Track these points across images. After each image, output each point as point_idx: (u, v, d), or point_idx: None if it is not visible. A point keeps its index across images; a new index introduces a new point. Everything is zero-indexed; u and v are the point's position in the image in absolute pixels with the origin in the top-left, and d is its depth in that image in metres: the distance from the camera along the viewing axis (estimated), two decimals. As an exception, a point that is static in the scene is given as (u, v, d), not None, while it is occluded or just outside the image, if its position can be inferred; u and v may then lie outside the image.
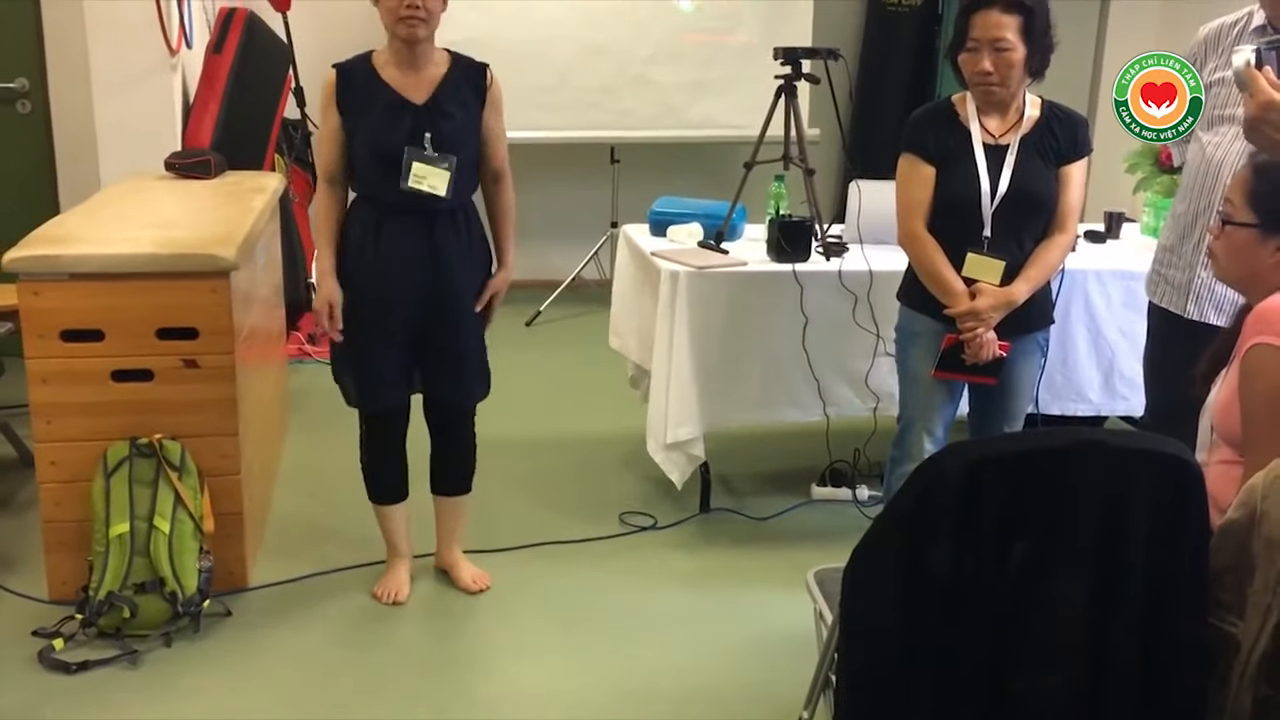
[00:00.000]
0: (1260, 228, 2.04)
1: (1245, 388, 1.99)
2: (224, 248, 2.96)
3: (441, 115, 2.85)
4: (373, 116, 2.84)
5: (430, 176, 2.82)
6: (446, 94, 2.87)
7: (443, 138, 2.84)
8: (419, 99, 2.85)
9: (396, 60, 2.86)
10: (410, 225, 2.86)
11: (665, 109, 5.97)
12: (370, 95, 2.84)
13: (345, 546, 3.33)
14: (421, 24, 2.77)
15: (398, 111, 2.83)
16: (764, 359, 3.54)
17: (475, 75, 2.92)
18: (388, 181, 2.82)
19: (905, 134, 2.94)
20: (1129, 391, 3.62)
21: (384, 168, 2.82)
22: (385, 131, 2.82)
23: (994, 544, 1.77)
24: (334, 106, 2.86)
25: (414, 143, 2.82)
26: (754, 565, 3.36)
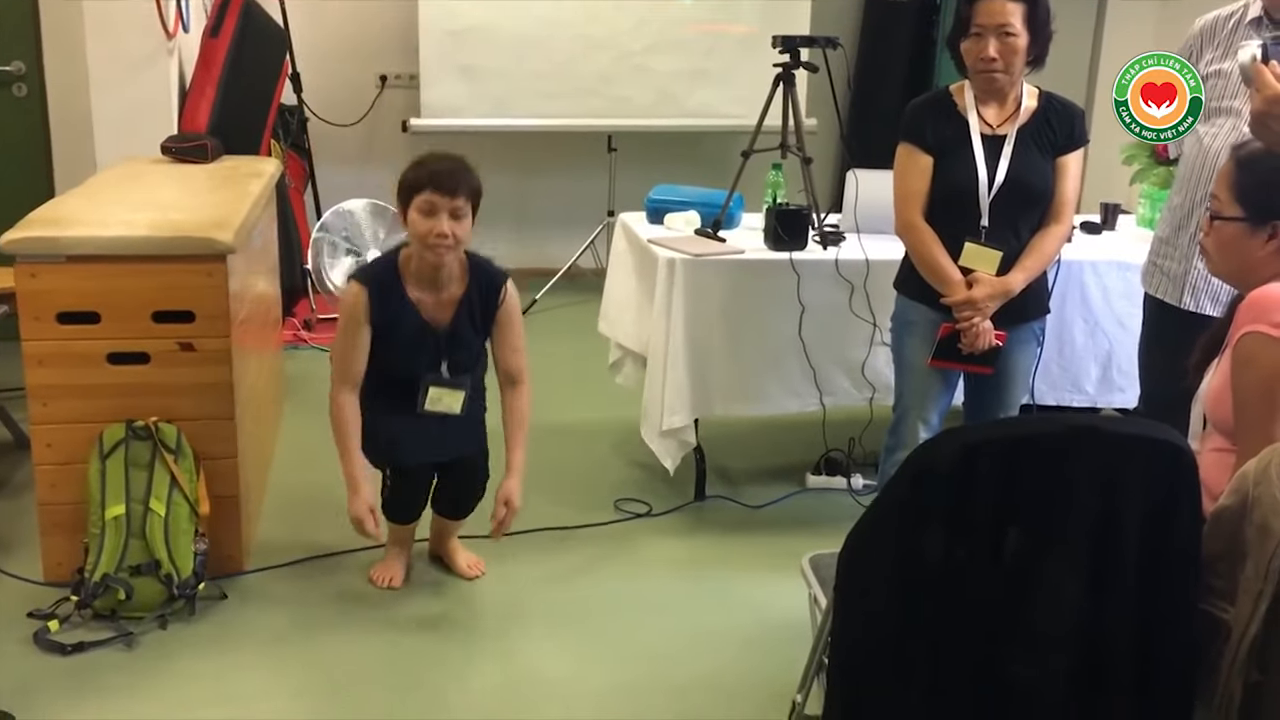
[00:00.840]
0: (1248, 220, 2.05)
1: (1237, 376, 2.00)
2: (221, 231, 2.96)
3: (460, 343, 2.91)
4: (399, 341, 2.87)
5: (446, 398, 2.91)
6: (463, 316, 2.91)
7: (458, 363, 2.90)
8: (441, 322, 2.89)
9: (420, 278, 2.87)
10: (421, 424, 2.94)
11: (663, 98, 5.96)
12: (398, 316, 2.87)
13: (341, 531, 3.31)
14: (449, 251, 2.79)
15: (421, 338, 2.88)
16: (760, 347, 3.55)
17: (490, 295, 2.93)
18: (403, 394, 2.89)
19: (903, 123, 2.95)
20: (1126, 383, 3.63)
21: (402, 386, 2.89)
22: (409, 360, 2.88)
23: (988, 529, 1.78)
24: (366, 323, 2.86)
25: (433, 365, 2.88)
26: (748, 552, 3.37)
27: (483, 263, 2.95)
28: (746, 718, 2.58)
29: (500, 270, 2.96)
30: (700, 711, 2.62)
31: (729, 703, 2.65)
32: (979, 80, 2.86)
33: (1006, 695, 1.84)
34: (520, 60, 5.70)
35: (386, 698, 2.63)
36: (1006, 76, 2.82)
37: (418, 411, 2.90)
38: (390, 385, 2.92)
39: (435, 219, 2.76)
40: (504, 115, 5.80)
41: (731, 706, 2.63)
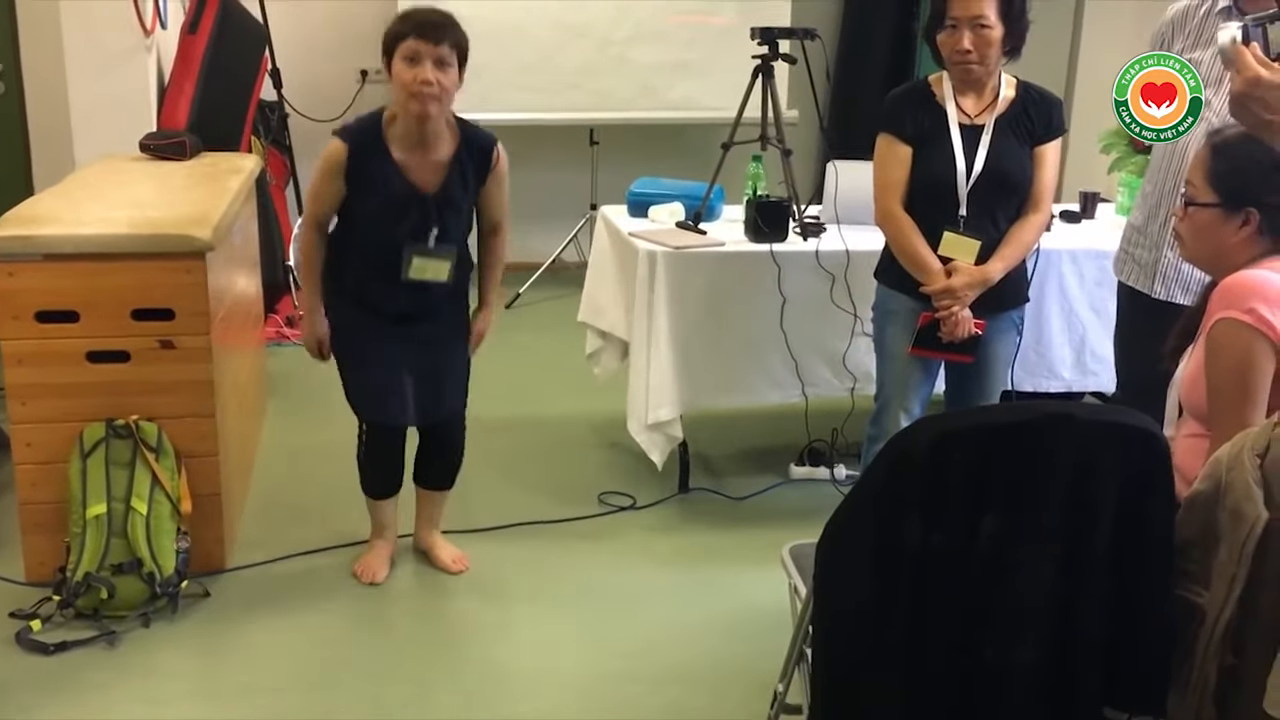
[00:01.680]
0: (1222, 207, 2.07)
1: (1210, 362, 2.02)
2: (200, 228, 2.95)
3: (451, 208, 2.83)
4: (380, 202, 2.80)
5: (430, 268, 2.83)
6: (453, 179, 2.83)
7: (448, 231, 2.84)
8: (429, 186, 2.81)
9: (406, 138, 2.78)
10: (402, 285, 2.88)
11: (645, 90, 5.96)
12: (381, 179, 2.78)
13: (324, 528, 3.34)
14: (434, 101, 2.69)
15: (406, 202, 2.80)
16: (742, 339, 3.55)
17: (482, 156, 2.87)
18: (384, 262, 2.82)
19: (882, 114, 2.96)
20: (1100, 368, 3.66)
21: (383, 250, 2.83)
22: (391, 224, 2.80)
23: (963, 517, 1.79)
24: (342, 178, 2.80)
25: (418, 233, 2.80)
26: (732, 544, 3.38)
27: (470, 124, 2.89)
28: (730, 707, 2.60)
29: (489, 132, 2.92)
30: (684, 701, 2.63)
31: (713, 692, 2.66)
32: (956, 72, 2.87)
33: (983, 679, 1.85)
34: (501, 54, 5.68)
35: (370, 692, 2.63)
36: (982, 68, 2.83)
37: (400, 279, 2.81)
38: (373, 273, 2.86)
39: (420, 66, 2.66)
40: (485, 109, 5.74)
41: (716, 696, 2.64)
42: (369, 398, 2.98)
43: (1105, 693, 1.91)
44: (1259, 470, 1.80)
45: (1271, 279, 1.99)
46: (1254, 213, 2.03)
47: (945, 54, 2.85)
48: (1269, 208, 2.02)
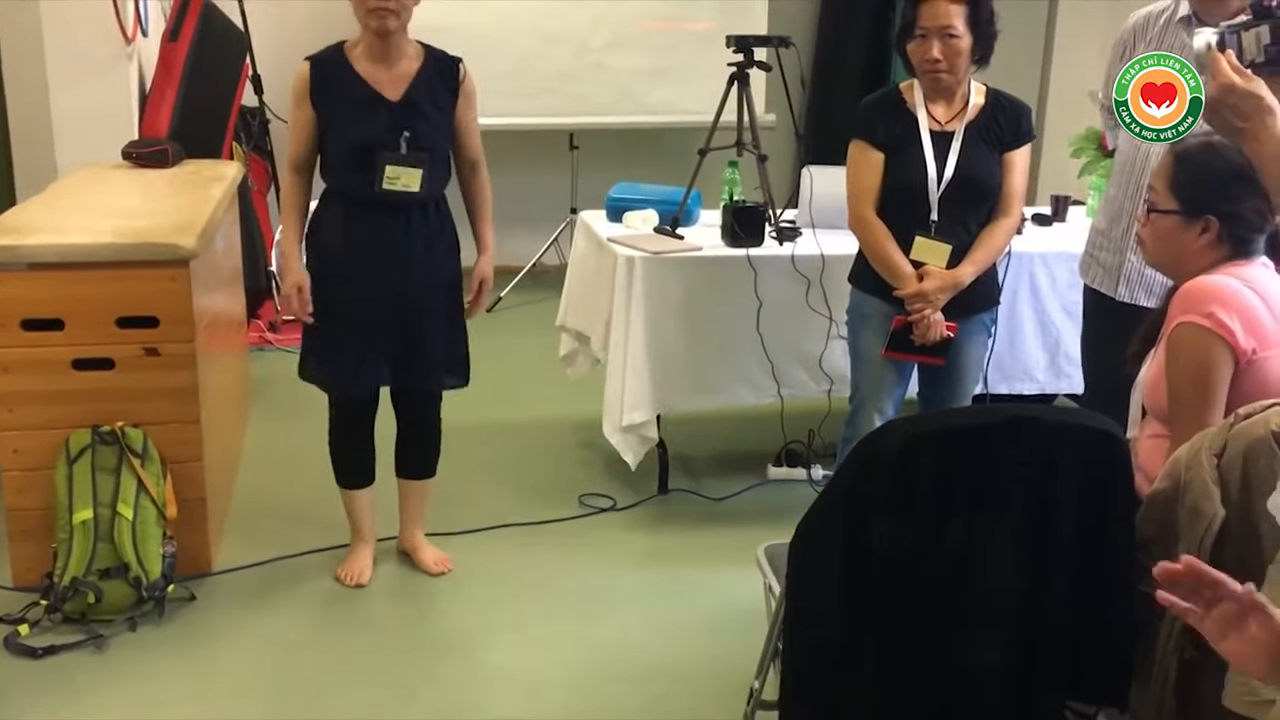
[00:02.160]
0: (1182, 214, 2.13)
1: (1171, 365, 2.08)
2: (183, 236, 2.98)
3: (418, 114, 2.87)
4: (347, 112, 2.85)
5: (404, 176, 2.85)
6: (420, 90, 2.88)
7: (419, 137, 2.86)
8: (394, 95, 2.87)
9: (369, 53, 2.87)
10: (381, 219, 2.89)
11: (623, 95, 6.00)
12: (345, 90, 2.85)
13: (309, 531, 3.37)
14: (392, 15, 2.78)
15: (373, 108, 2.84)
16: (719, 342, 3.60)
17: (448, 70, 2.93)
18: (360, 178, 2.84)
19: (855, 120, 3.02)
20: (1074, 370, 3.71)
21: (357, 165, 2.84)
22: (361, 129, 2.84)
23: (930, 518, 1.85)
24: (308, 100, 2.86)
25: (389, 141, 2.83)
26: (711, 544, 3.43)
27: (436, 48, 2.96)
28: (709, 705, 2.64)
29: (453, 54, 2.98)
30: (663, 700, 2.68)
31: (692, 691, 2.71)
32: (926, 80, 2.93)
33: (951, 676, 1.90)
34: (479, 60, 5.63)
35: (354, 694, 2.67)
36: (951, 76, 2.89)
37: (375, 190, 2.82)
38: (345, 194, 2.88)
39: None
40: (465, 115, 5.82)
41: (694, 695, 2.69)
42: (331, 376, 2.99)
43: (1069, 687, 1.97)
44: (1216, 469, 1.85)
45: (1231, 284, 2.06)
46: (1213, 221, 2.09)
47: (915, 63, 2.91)
48: (1228, 216, 2.08)
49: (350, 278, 2.91)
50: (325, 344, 2.97)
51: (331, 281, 2.92)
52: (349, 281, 2.91)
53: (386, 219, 2.89)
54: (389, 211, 2.88)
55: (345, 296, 2.92)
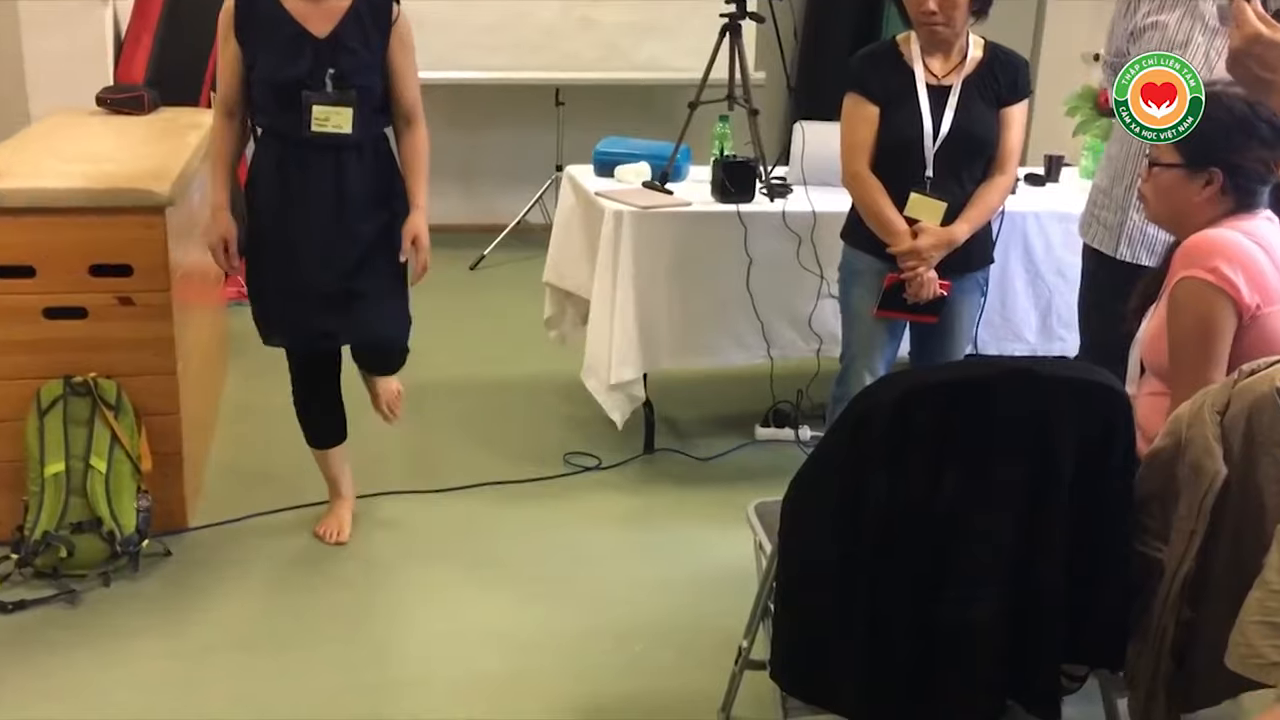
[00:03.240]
0: (1185, 167, 2.08)
1: (1172, 320, 2.04)
2: (158, 183, 2.90)
3: (344, 50, 2.75)
4: (272, 49, 2.74)
5: (334, 116, 2.73)
6: (349, 27, 2.76)
7: (344, 74, 2.74)
8: (321, 31, 2.75)
9: None
10: (316, 162, 2.77)
11: (611, 51, 5.90)
12: (271, 25, 2.74)
13: (286, 488, 3.31)
14: None
15: (298, 44, 2.73)
16: (708, 300, 3.55)
17: (381, 8, 2.79)
18: (289, 119, 2.73)
19: (849, 74, 2.95)
20: (1065, 332, 3.68)
21: (283, 105, 2.73)
22: (284, 66, 2.72)
23: (926, 473, 1.80)
24: (232, 35, 2.75)
25: (315, 79, 2.72)
26: (698, 503, 3.39)
27: None
28: (696, 664, 2.61)
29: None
30: (649, 658, 2.64)
31: (679, 649, 2.67)
32: (922, 33, 2.86)
33: (945, 634, 1.87)
34: (464, 13, 5.61)
35: (333, 650, 2.62)
36: (949, 29, 2.82)
37: (306, 134, 2.72)
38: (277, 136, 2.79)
39: None
40: (448, 69, 5.70)
41: (681, 653, 2.66)
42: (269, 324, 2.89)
43: (1065, 646, 1.94)
44: (1219, 427, 1.81)
45: (1234, 238, 2.01)
46: (1217, 173, 2.04)
47: (912, 14, 2.84)
48: (1232, 168, 2.03)
49: (288, 226, 2.80)
50: (272, 297, 2.86)
51: (271, 232, 2.81)
52: (286, 230, 2.80)
53: (321, 160, 2.77)
54: (324, 152, 2.76)
55: (281, 242, 2.81)
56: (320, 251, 2.81)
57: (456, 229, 2.98)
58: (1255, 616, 1.71)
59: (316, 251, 2.81)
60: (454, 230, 2.95)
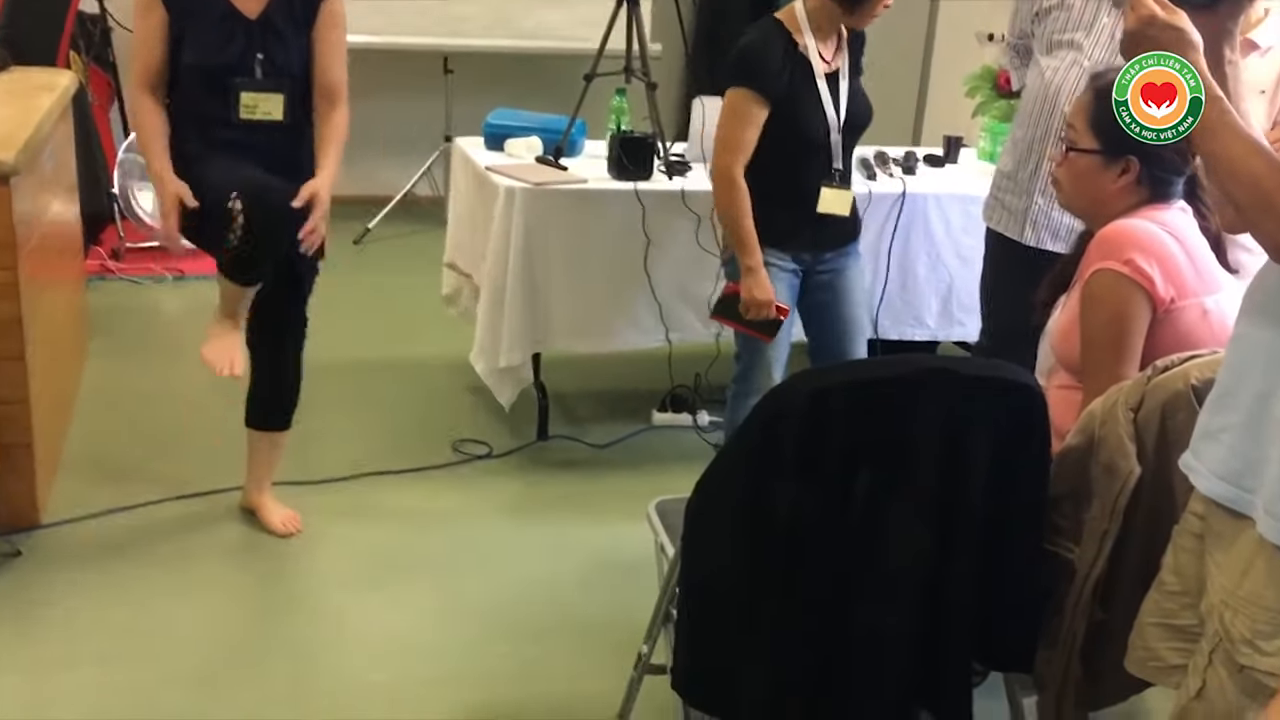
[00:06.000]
0: (1103, 153, 2.02)
1: (1086, 314, 1.98)
2: (3, 150, 2.65)
3: (274, 34, 2.60)
4: (201, 27, 2.56)
5: (263, 103, 2.60)
6: (279, 8, 2.61)
7: (274, 60, 2.59)
8: (252, 12, 2.59)
9: None
10: (238, 141, 2.60)
11: (501, 18, 5.71)
12: (200, 2, 2.56)
13: (150, 479, 3.09)
14: None
15: (228, 25, 2.57)
16: (604, 281, 3.42)
17: None
18: (215, 105, 2.57)
19: (742, 67, 2.73)
20: (965, 317, 3.65)
21: (210, 90, 2.57)
22: (215, 49, 2.56)
23: (838, 475, 1.72)
24: (159, 3, 2.55)
25: (243, 63, 2.57)
26: (594, 493, 3.28)
27: None
28: (592, 666, 2.50)
29: None
30: (543, 662, 2.53)
31: (574, 651, 2.56)
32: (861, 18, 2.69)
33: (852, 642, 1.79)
34: None
35: (200, 663, 2.44)
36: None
37: (234, 121, 2.59)
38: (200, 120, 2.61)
39: None
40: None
41: (577, 655, 2.55)
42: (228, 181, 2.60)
43: (975, 651, 1.88)
44: (1132, 425, 1.77)
45: (1150, 230, 1.96)
46: (1134, 161, 1.99)
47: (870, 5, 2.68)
48: (1149, 157, 1.98)
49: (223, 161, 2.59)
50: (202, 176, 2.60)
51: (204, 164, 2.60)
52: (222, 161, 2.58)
53: (246, 141, 2.60)
54: (249, 134, 2.60)
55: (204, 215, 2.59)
56: None
57: (338, 200, 2.76)
58: (1152, 618, 1.69)
59: None
60: (335, 202, 2.74)
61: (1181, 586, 1.63)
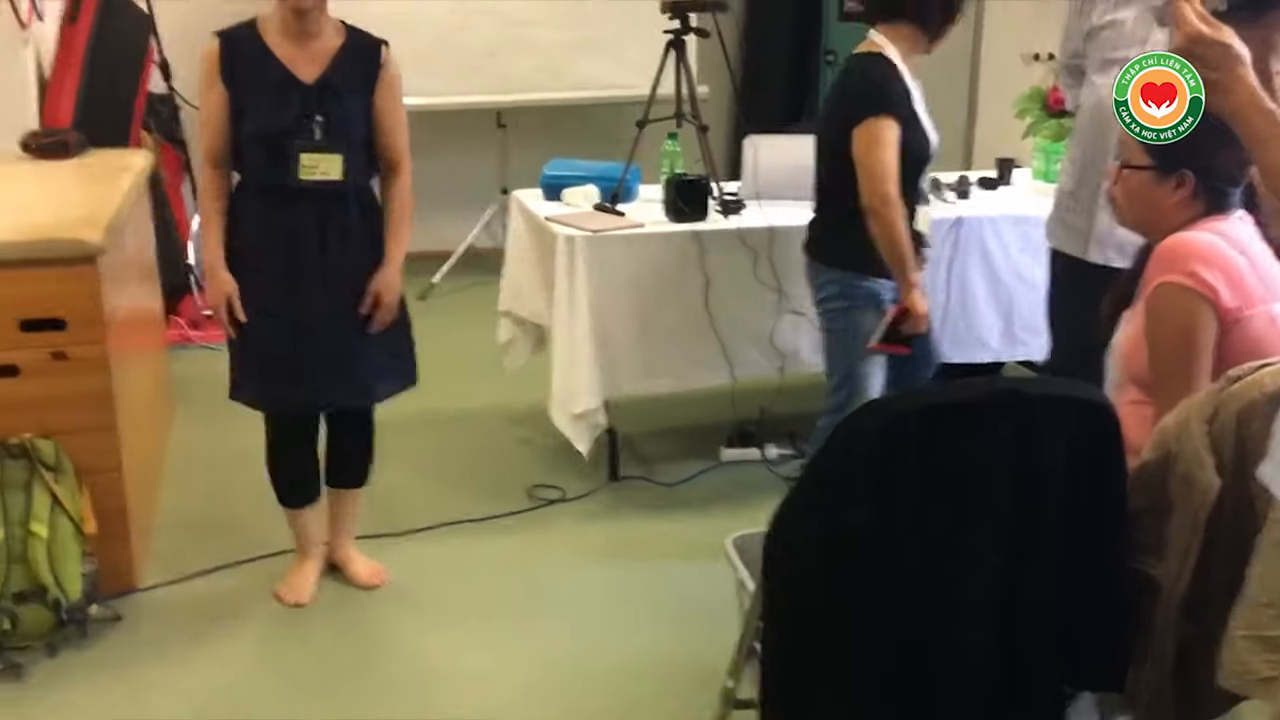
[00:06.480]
0: (1157, 169, 2.03)
1: (1152, 329, 1.98)
2: (89, 231, 2.77)
3: (332, 97, 2.67)
4: (260, 95, 2.65)
5: (322, 164, 2.66)
6: (338, 72, 2.68)
7: (331, 123, 2.66)
8: (309, 77, 2.66)
9: (285, 30, 2.66)
10: (301, 214, 2.68)
11: (551, 70, 5.82)
12: (258, 69, 2.65)
13: (241, 540, 3.18)
14: None
15: (286, 91, 2.65)
16: (666, 321, 3.47)
17: (370, 53, 2.72)
18: (275, 170, 2.65)
19: (876, 97, 2.79)
20: (1028, 336, 3.65)
21: (271, 154, 2.65)
22: (273, 115, 2.63)
23: (913, 501, 1.74)
24: (218, 80, 2.65)
25: (302, 126, 2.64)
26: (667, 532, 3.31)
27: (361, 29, 2.76)
28: (677, 702, 2.53)
29: (380, 38, 2.77)
30: (629, 698, 2.56)
31: (658, 688, 2.59)
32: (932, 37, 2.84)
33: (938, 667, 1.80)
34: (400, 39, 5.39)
35: (299, 711, 2.50)
36: None
37: (293, 185, 2.63)
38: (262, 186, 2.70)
39: None
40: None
41: (661, 691, 2.58)
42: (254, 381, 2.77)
43: (1063, 671, 1.88)
44: (1208, 437, 1.77)
45: (1211, 240, 1.97)
46: (1189, 175, 2.00)
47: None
48: (1203, 170, 1.99)
49: (270, 280, 2.70)
50: (253, 357, 2.75)
51: (251, 286, 2.70)
52: (269, 284, 2.70)
53: (306, 213, 2.68)
54: (309, 204, 2.68)
55: (266, 302, 2.70)
56: (306, 301, 2.69)
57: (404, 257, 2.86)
58: (1242, 631, 1.68)
59: (301, 302, 2.69)
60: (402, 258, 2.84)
61: (1268, 598, 1.62)
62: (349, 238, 2.72)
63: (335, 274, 2.72)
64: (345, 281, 2.73)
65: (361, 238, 2.75)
